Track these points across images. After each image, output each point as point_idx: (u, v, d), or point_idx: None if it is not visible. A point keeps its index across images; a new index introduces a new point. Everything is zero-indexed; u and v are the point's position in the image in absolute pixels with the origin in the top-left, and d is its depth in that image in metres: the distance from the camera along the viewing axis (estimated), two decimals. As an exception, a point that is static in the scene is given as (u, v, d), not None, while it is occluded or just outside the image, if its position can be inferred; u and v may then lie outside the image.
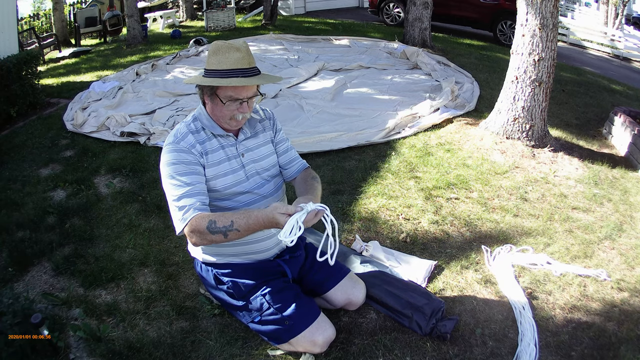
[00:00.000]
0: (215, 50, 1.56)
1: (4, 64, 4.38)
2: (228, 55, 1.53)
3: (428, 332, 1.82)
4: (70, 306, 2.02)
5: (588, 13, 15.83)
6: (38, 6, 19.19)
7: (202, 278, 1.86)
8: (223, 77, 1.53)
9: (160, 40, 8.56)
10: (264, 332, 1.72)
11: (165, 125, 4.06)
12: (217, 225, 1.46)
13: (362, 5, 12.89)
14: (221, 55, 1.54)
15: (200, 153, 1.61)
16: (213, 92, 1.58)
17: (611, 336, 1.88)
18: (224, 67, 1.53)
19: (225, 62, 1.53)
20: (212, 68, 1.55)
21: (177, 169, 1.56)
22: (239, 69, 1.53)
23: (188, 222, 1.49)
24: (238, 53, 1.54)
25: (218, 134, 1.66)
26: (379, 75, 5.52)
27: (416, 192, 2.95)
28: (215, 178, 1.64)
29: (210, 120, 1.66)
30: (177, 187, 1.54)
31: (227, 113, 1.60)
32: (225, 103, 1.56)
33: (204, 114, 1.68)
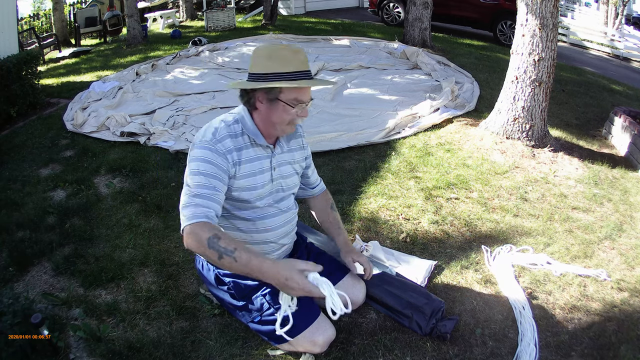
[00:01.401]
0: (271, 53, 1.49)
1: (4, 64, 4.38)
2: (291, 57, 1.48)
3: (428, 332, 1.82)
4: (70, 306, 2.02)
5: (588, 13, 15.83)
6: (38, 6, 19.22)
7: (202, 276, 1.86)
8: (292, 80, 1.47)
9: (160, 40, 8.56)
10: (264, 332, 1.72)
11: (165, 125, 4.06)
12: (219, 243, 1.37)
13: (362, 5, 12.89)
14: (282, 58, 1.48)
15: (234, 162, 1.54)
16: (275, 97, 1.50)
17: (611, 336, 1.88)
18: (290, 70, 1.47)
19: (290, 65, 1.47)
20: (274, 71, 1.47)
21: (207, 168, 1.48)
22: (303, 71, 1.49)
23: (192, 224, 1.40)
24: (301, 55, 1.50)
25: (259, 144, 1.60)
26: (379, 75, 5.52)
27: (416, 192, 2.95)
28: (244, 190, 1.59)
29: (254, 127, 1.57)
30: (199, 185, 1.46)
31: (287, 118, 1.53)
32: (295, 107, 1.51)
33: (248, 119, 1.58)
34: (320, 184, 1.98)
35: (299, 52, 1.51)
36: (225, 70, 5.89)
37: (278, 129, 1.58)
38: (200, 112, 4.41)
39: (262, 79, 1.49)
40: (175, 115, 4.31)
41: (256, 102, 1.54)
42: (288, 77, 1.47)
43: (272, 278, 1.36)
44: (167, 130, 3.87)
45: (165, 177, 3.18)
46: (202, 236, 1.37)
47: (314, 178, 1.94)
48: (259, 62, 1.51)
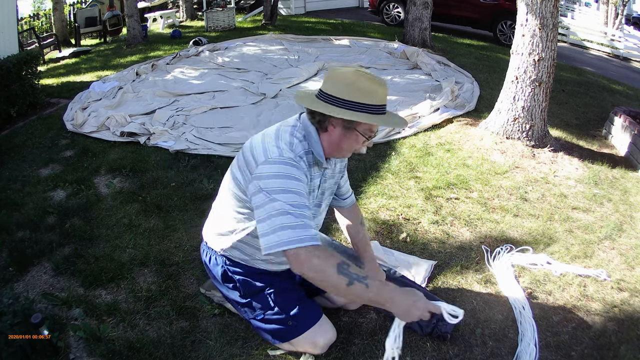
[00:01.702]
0: (357, 81, 1.41)
1: (4, 64, 4.38)
2: (378, 89, 1.43)
3: (429, 332, 1.82)
4: (70, 306, 2.02)
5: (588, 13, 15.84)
6: (38, 6, 19.20)
7: (208, 269, 1.82)
8: (374, 114, 1.42)
9: (160, 40, 8.56)
10: (265, 329, 1.72)
11: (165, 125, 4.06)
12: (349, 269, 1.30)
13: (362, 5, 12.89)
14: (369, 89, 1.41)
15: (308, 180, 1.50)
16: (353, 126, 1.45)
17: (611, 336, 1.88)
18: (374, 103, 1.42)
19: (375, 98, 1.42)
20: (359, 101, 1.40)
21: (298, 186, 1.39)
22: (383, 105, 1.45)
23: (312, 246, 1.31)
24: (385, 89, 1.45)
25: (320, 164, 1.56)
26: (379, 75, 5.51)
27: (416, 192, 2.95)
28: None
29: (320, 147, 1.51)
30: (299, 205, 1.36)
31: (356, 146, 1.51)
32: (368, 137, 1.48)
33: (316, 140, 1.50)
34: (351, 196, 1.95)
35: (384, 86, 1.45)
36: (225, 70, 5.89)
37: (341, 154, 1.56)
38: (200, 112, 4.41)
39: (344, 105, 1.41)
40: (175, 115, 4.31)
41: (329, 126, 1.47)
42: (371, 110, 1.41)
43: (402, 305, 1.33)
44: (167, 130, 3.87)
45: (165, 177, 3.18)
46: (331, 261, 1.31)
47: (346, 188, 1.91)
48: (342, 86, 1.42)
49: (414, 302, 1.34)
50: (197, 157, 3.48)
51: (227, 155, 3.49)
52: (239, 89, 5.07)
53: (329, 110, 1.42)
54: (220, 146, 3.64)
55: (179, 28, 9.57)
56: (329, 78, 1.47)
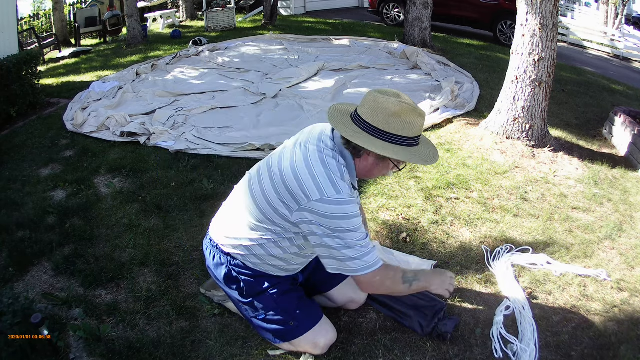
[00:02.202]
0: (399, 112, 1.38)
1: (4, 64, 4.38)
2: (415, 121, 1.41)
3: (428, 332, 1.82)
4: (70, 306, 2.02)
5: (588, 13, 15.84)
6: (38, 6, 19.21)
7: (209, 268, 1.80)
8: (410, 146, 1.43)
9: (160, 40, 8.56)
10: (267, 329, 1.72)
11: (165, 125, 4.06)
12: (407, 275, 1.61)
13: (362, 5, 12.89)
14: (406, 120, 1.40)
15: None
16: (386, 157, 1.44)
17: (611, 336, 1.88)
18: (411, 135, 1.42)
19: (411, 130, 1.41)
20: (397, 134, 1.40)
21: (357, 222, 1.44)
22: (418, 137, 1.46)
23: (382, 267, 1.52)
24: (422, 120, 1.44)
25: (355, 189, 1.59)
26: (379, 76, 5.52)
27: (416, 192, 2.96)
28: None
29: (355, 173, 1.53)
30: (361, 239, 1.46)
31: (386, 172, 1.55)
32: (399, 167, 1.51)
33: (351, 165, 1.50)
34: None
35: (423, 117, 1.45)
36: (225, 70, 5.89)
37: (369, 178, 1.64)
38: (200, 112, 4.41)
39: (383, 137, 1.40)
40: (175, 115, 4.31)
41: (365, 154, 1.47)
42: (408, 142, 1.42)
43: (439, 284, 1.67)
44: (167, 130, 3.87)
45: (165, 177, 3.18)
46: (397, 276, 1.59)
47: None
48: (382, 117, 1.39)
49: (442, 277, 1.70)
50: (197, 157, 3.48)
51: (227, 155, 3.49)
52: (239, 89, 5.07)
53: (368, 144, 1.39)
54: (220, 146, 3.64)
55: (179, 28, 9.57)
56: (369, 104, 1.42)
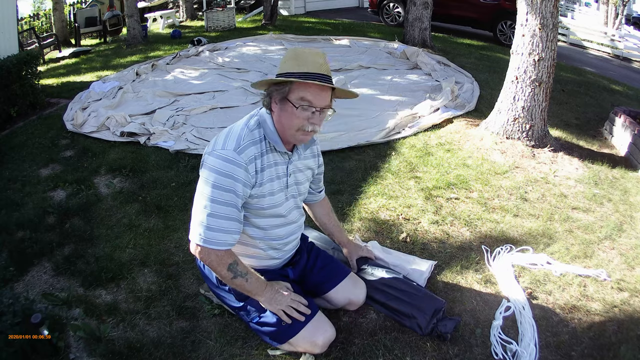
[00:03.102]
0: (294, 56, 1.47)
1: (4, 64, 4.38)
2: (308, 58, 1.45)
3: (428, 332, 1.82)
4: (70, 306, 2.02)
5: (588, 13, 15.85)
6: (38, 6, 19.21)
7: (203, 275, 1.85)
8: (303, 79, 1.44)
9: (160, 40, 8.56)
10: (263, 332, 1.72)
11: (165, 125, 4.06)
12: (237, 267, 1.56)
13: (362, 5, 12.89)
14: (301, 59, 1.45)
15: (255, 171, 1.52)
16: (284, 96, 1.46)
17: (611, 336, 1.88)
18: (303, 70, 1.43)
19: (304, 65, 1.44)
20: (289, 71, 1.44)
21: (225, 183, 1.47)
22: (318, 74, 1.44)
23: (218, 250, 1.51)
24: (319, 58, 1.46)
25: (278, 150, 1.57)
26: (379, 76, 5.52)
27: (416, 192, 2.95)
28: (262, 197, 1.58)
29: (274, 133, 1.54)
30: (216, 202, 1.47)
31: (296, 122, 1.48)
32: (298, 108, 1.45)
33: (269, 124, 1.54)
34: (324, 188, 2.03)
35: (320, 56, 1.47)
36: (225, 70, 5.89)
37: (289, 135, 1.53)
38: (200, 112, 4.41)
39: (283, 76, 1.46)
40: (175, 115, 4.31)
41: (271, 103, 1.52)
42: (300, 76, 1.43)
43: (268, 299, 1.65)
44: (167, 130, 3.87)
45: (165, 177, 3.18)
46: (225, 260, 1.54)
47: (322, 183, 1.99)
48: (283, 63, 1.49)
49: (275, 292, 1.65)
50: (197, 157, 3.48)
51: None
52: (239, 89, 5.07)
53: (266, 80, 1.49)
54: (220, 146, 3.64)
55: (179, 28, 9.57)
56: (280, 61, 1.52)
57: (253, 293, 1.64)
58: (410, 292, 1.92)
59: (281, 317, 1.64)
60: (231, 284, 1.60)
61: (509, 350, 1.79)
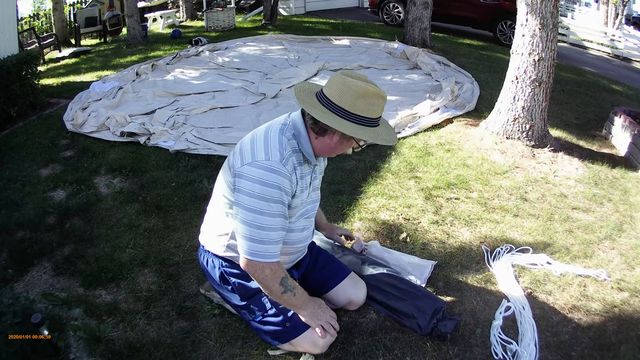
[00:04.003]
0: (365, 94, 1.43)
1: (4, 64, 4.37)
2: (378, 102, 1.46)
3: (428, 332, 1.82)
4: (70, 306, 2.02)
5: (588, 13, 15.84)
6: (38, 6, 19.19)
7: (206, 272, 1.84)
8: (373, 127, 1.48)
9: (160, 40, 8.56)
10: (265, 331, 1.72)
11: (165, 125, 4.06)
12: (288, 282, 1.58)
13: (362, 5, 12.89)
14: (371, 102, 1.44)
15: (296, 180, 1.53)
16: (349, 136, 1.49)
17: (611, 336, 1.88)
18: (374, 116, 1.47)
19: (375, 111, 1.46)
20: (363, 115, 1.44)
21: (274, 194, 1.46)
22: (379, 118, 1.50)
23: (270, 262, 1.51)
24: (384, 101, 1.48)
25: (310, 162, 1.59)
26: (379, 76, 5.52)
27: (416, 192, 2.95)
28: (295, 207, 1.59)
29: (310, 147, 1.54)
30: (267, 214, 1.47)
31: (346, 150, 1.57)
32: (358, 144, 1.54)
33: (304, 137, 1.53)
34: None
35: (385, 99, 1.48)
36: (225, 70, 5.89)
37: (330, 155, 1.61)
38: (200, 112, 4.41)
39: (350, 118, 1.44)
40: (175, 115, 4.31)
41: (330, 134, 1.50)
42: (372, 123, 1.47)
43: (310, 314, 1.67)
44: (167, 130, 3.87)
45: (165, 177, 3.18)
46: (279, 274, 1.55)
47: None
48: (349, 98, 1.43)
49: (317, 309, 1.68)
50: (197, 157, 3.48)
51: (227, 155, 3.48)
52: (239, 89, 5.07)
53: (335, 123, 1.43)
54: (220, 146, 3.64)
55: (179, 28, 9.57)
56: (337, 86, 1.45)
57: (298, 307, 1.64)
58: (411, 292, 1.92)
59: (317, 332, 1.65)
60: (279, 299, 1.60)
61: (509, 350, 1.78)
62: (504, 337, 1.84)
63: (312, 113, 1.45)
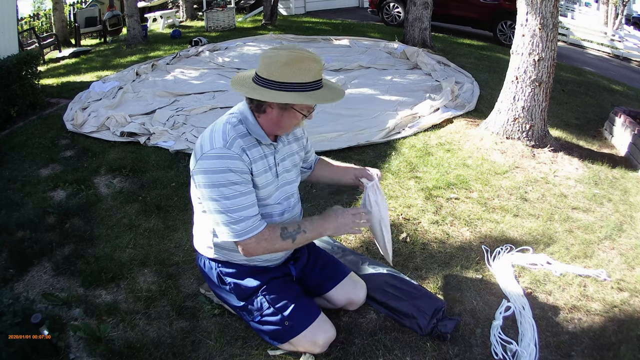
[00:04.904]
0: (290, 61, 1.43)
1: (4, 64, 4.38)
2: (308, 66, 1.45)
3: (428, 332, 1.82)
4: (70, 306, 2.02)
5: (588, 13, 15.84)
6: (38, 6, 19.18)
7: (204, 274, 1.84)
8: (311, 90, 1.46)
9: (160, 40, 8.56)
10: (264, 331, 1.72)
11: (165, 125, 4.06)
12: (289, 230, 1.57)
13: (362, 5, 12.89)
14: (300, 67, 1.44)
15: (249, 161, 1.53)
16: (289, 105, 1.49)
17: (611, 336, 1.88)
18: (308, 80, 1.45)
19: (307, 75, 1.45)
20: (292, 81, 1.43)
21: (231, 177, 1.47)
22: (318, 81, 1.48)
23: (258, 233, 1.52)
24: (317, 64, 1.47)
25: (264, 143, 1.58)
26: (379, 76, 5.52)
27: (416, 192, 2.95)
28: (259, 187, 1.59)
29: (258, 128, 1.55)
30: (233, 197, 1.48)
31: (296, 122, 1.54)
32: (307, 114, 1.53)
33: (252, 120, 1.54)
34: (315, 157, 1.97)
35: (318, 61, 1.48)
36: (226, 70, 5.89)
37: (282, 131, 1.58)
38: (200, 112, 4.41)
39: (279, 87, 1.44)
40: (175, 115, 4.31)
41: (267, 108, 1.51)
42: (306, 87, 1.45)
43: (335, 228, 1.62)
44: (167, 130, 3.88)
45: (165, 177, 3.18)
46: (275, 234, 1.56)
47: (313, 156, 1.94)
48: (275, 68, 1.44)
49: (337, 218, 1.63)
50: (197, 157, 3.47)
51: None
52: (239, 89, 5.07)
53: (264, 96, 1.46)
54: (220, 146, 3.64)
55: (179, 28, 9.57)
56: (263, 61, 1.48)
57: (320, 234, 1.64)
58: (411, 292, 1.92)
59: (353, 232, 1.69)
60: (296, 246, 1.62)
61: (509, 350, 1.79)
62: (504, 337, 1.84)
63: (241, 92, 1.50)
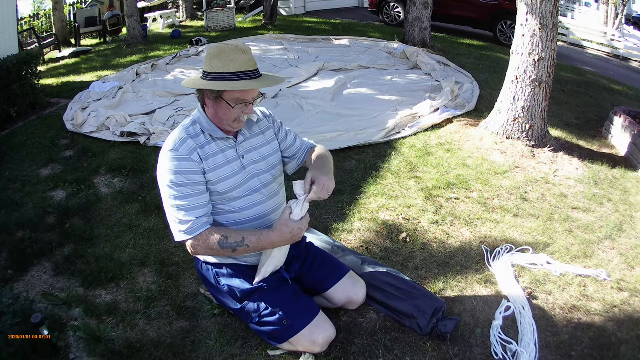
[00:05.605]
0: (218, 53, 1.52)
1: (4, 64, 4.38)
2: (234, 57, 1.51)
3: (428, 332, 1.82)
4: (70, 306, 2.02)
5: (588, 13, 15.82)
6: (38, 6, 19.19)
7: (202, 277, 1.86)
8: (231, 80, 1.51)
9: (160, 40, 8.56)
10: (263, 332, 1.72)
11: (165, 125, 4.06)
12: (229, 241, 1.56)
13: (362, 5, 12.89)
14: (226, 58, 1.51)
15: (200, 159, 1.58)
16: (218, 95, 1.55)
17: (611, 336, 1.88)
18: (231, 70, 1.51)
19: (231, 65, 1.51)
20: (217, 71, 1.51)
21: (177, 179, 1.55)
22: (246, 72, 1.52)
23: (196, 236, 1.56)
24: (244, 55, 1.53)
25: (218, 137, 1.64)
26: (379, 76, 5.52)
27: (416, 192, 2.95)
28: (217, 182, 1.62)
29: (210, 123, 1.63)
30: (178, 198, 1.56)
31: (232, 115, 1.58)
32: (234, 106, 1.55)
33: (203, 117, 1.64)
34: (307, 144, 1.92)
35: (245, 52, 1.54)
36: (225, 70, 5.89)
37: (225, 124, 1.62)
38: (200, 112, 4.41)
39: (208, 77, 1.54)
40: (175, 115, 4.31)
41: (205, 100, 1.62)
42: (229, 77, 1.51)
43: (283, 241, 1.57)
44: (167, 130, 3.87)
45: (165, 177, 3.18)
46: (212, 241, 1.56)
47: (299, 144, 1.88)
48: (208, 60, 1.55)
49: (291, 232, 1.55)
50: (197, 157, 3.47)
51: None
52: (239, 89, 5.07)
53: (194, 84, 1.56)
54: (220, 146, 3.64)
55: (179, 28, 9.57)
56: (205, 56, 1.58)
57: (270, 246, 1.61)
58: (411, 292, 1.92)
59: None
60: (238, 255, 1.65)
61: (509, 350, 1.79)
62: (504, 337, 1.84)
63: (184, 85, 1.64)
